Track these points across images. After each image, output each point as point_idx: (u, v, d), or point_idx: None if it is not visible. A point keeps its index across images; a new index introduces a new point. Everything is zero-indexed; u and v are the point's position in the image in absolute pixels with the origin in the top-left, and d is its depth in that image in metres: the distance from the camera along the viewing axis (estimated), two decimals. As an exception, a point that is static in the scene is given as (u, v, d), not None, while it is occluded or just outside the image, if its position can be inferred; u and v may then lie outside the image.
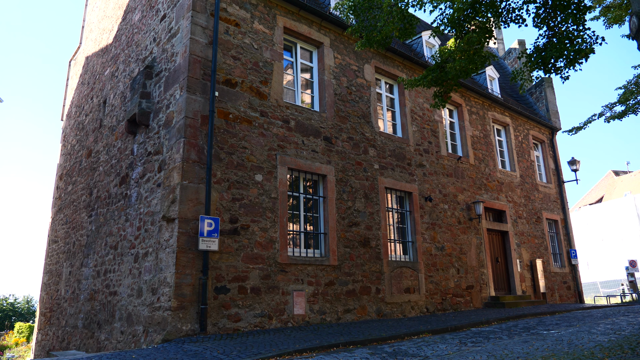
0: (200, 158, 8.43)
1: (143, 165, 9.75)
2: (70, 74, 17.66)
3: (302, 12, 10.84)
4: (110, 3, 14.28)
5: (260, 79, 9.73)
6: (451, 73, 8.17)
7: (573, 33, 7.09)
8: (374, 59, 12.61)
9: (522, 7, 7.59)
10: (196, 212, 8.14)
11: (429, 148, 13.45)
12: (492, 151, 15.94)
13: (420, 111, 13.57)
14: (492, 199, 15.26)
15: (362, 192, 11.14)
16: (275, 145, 9.62)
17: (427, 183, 13.00)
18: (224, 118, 8.93)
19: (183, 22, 9.16)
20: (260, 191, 9.12)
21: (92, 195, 12.44)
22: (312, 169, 10.18)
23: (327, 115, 10.87)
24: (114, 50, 12.97)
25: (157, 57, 10.06)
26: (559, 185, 19.05)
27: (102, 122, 12.80)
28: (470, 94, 15.60)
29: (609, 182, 44.02)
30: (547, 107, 19.77)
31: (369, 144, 11.69)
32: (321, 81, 11.16)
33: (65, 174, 15.53)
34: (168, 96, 9.18)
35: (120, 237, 10.17)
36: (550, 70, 7.29)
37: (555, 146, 19.49)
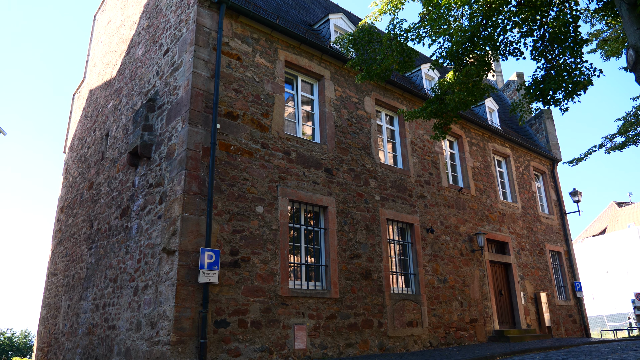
0: (202, 190, 8.42)
1: (144, 197, 9.73)
2: (74, 107, 17.87)
3: (303, 46, 11.05)
4: (114, 38, 14.59)
5: (262, 112, 9.82)
6: (450, 105, 8.25)
7: (571, 65, 7.18)
8: (374, 91, 12.77)
9: (519, 41, 7.72)
10: (197, 244, 8.07)
11: (430, 179, 13.45)
12: (493, 182, 15.93)
13: (420, 142, 13.64)
14: (494, 231, 15.15)
15: (364, 223, 11.07)
16: (276, 176, 9.63)
17: (428, 214, 12.94)
18: (226, 150, 8.97)
19: (186, 56, 9.32)
20: (261, 223, 9.07)
21: (93, 227, 12.38)
22: (313, 200, 10.15)
23: (328, 147, 10.92)
24: (117, 84, 13.16)
25: (159, 91, 10.20)
26: (561, 216, 18.95)
27: (104, 155, 12.86)
28: (470, 125, 15.72)
29: (612, 213, 43.85)
30: (547, 138, 19.88)
31: (370, 176, 11.69)
32: (322, 113, 11.26)
33: (66, 206, 15.51)
34: (170, 129, 9.25)
35: (120, 269, 10.06)
36: (549, 102, 7.35)
37: (556, 177, 19.50)
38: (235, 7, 9.71)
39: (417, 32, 8.00)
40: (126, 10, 14.06)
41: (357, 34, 8.80)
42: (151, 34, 11.49)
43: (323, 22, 12.89)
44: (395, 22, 8.33)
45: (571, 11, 7.15)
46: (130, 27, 13.27)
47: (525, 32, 7.57)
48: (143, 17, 12.36)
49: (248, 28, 10.14)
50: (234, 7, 9.70)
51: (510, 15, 7.51)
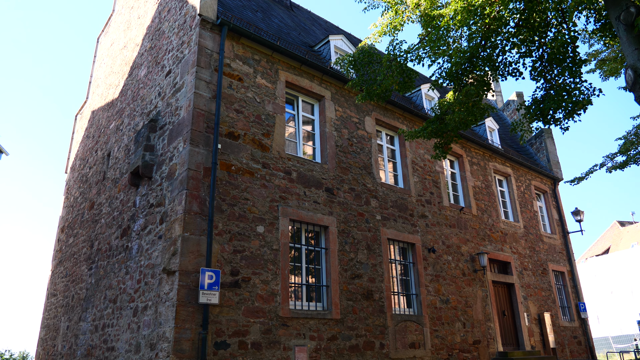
0: (202, 210, 8.41)
1: (145, 217, 9.71)
2: (76, 128, 17.98)
3: (304, 67, 11.15)
4: (117, 60, 14.76)
5: (263, 132, 9.87)
6: (451, 125, 8.29)
7: (570, 85, 7.23)
8: (375, 111, 12.84)
9: (518, 61, 7.80)
10: (197, 265, 8.02)
11: (430, 199, 13.42)
12: (494, 202, 15.89)
13: (421, 162, 13.66)
14: (497, 250, 15.06)
15: (365, 243, 11.01)
16: (277, 196, 9.62)
17: (430, 234, 12.88)
18: (226, 170, 8.99)
19: (188, 78, 9.41)
20: (261, 243, 9.02)
21: (93, 247, 12.33)
22: (313, 220, 10.12)
23: (328, 167, 10.93)
24: (120, 105, 13.26)
25: (161, 111, 10.27)
26: (564, 236, 18.84)
27: (106, 175, 12.89)
28: (470, 145, 15.76)
29: (615, 232, 43.62)
30: (548, 157, 19.90)
31: (371, 195, 11.68)
32: (322, 133, 11.31)
33: (67, 226, 15.47)
34: (171, 149, 9.28)
35: (120, 290, 9.98)
36: (549, 121, 7.38)
37: (558, 196, 19.45)
38: (237, 29, 9.85)
39: (417, 53, 8.09)
40: (129, 32, 14.26)
41: (357, 55, 8.90)
42: (153, 56, 11.62)
43: (323, 44, 13.04)
44: (394, 44, 8.44)
45: (569, 32, 7.23)
46: (133, 49, 13.44)
47: (524, 52, 7.65)
48: (146, 39, 12.53)
49: (249, 49, 10.26)
50: (236, 29, 9.83)
51: (508, 36, 7.60)
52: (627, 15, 5.49)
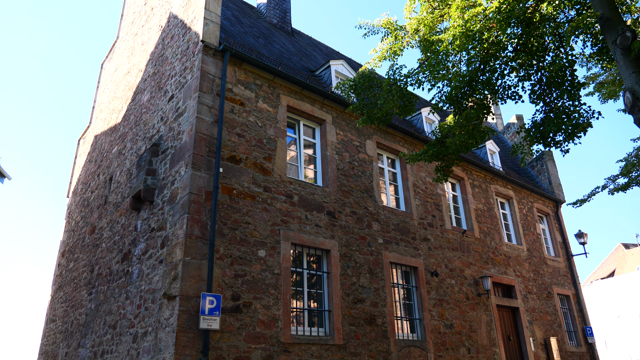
0: (204, 234, 8.38)
1: (146, 241, 9.68)
2: (79, 152, 18.09)
3: (305, 91, 11.27)
4: (120, 85, 14.94)
5: (264, 155, 9.91)
6: (451, 148, 8.31)
7: (569, 108, 7.28)
8: (376, 135, 12.91)
9: (517, 85, 7.86)
10: (198, 289, 7.95)
11: (433, 222, 13.37)
12: (497, 224, 15.82)
13: (422, 185, 13.65)
14: (500, 274, 14.91)
15: (367, 267, 10.93)
16: (278, 220, 9.59)
17: (432, 257, 12.78)
18: (228, 194, 8.99)
19: (190, 102, 9.51)
20: (263, 267, 8.96)
21: (94, 272, 12.25)
22: (315, 244, 10.06)
23: (330, 190, 10.93)
24: (122, 129, 13.37)
25: (163, 135, 10.34)
26: (568, 258, 18.68)
27: (108, 199, 12.90)
28: (471, 167, 15.77)
29: (620, 255, 43.23)
30: (550, 179, 19.89)
31: (373, 218, 11.64)
32: (324, 157, 11.35)
33: (67, 250, 15.41)
34: (173, 173, 9.31)
35: (120, 315, 9.87)
36: (550, 144, 7.40)
37: (560, 219, 19.36)
38: (239, 55, 9.99)
39: (417, 77, 8.18)
40: (133, 58, 14.48)
41: (357, 79, 9.00)
42: (156, 81, 11.77)
43: (324, 69, 13.21)
44: (394, 68, 8.54)
45: (567, 56, 7.31)
46: (136, 74, 13.62)
47: (522, 76, 7.73)
48: (149, 65, 12.71)
49: (251, 74, 10.39)
50: (238, 55, 9.98)
51: (507, 60, 7.69)
52: (624, 39, 5.56)
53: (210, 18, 10.03)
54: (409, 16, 8.93)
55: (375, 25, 9.13)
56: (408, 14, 8.96)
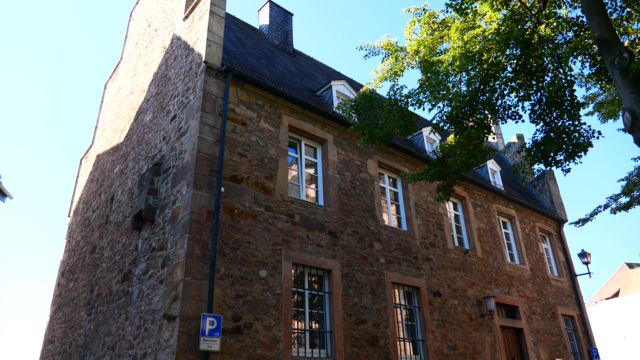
0: (205, 253, 8.34)
1: (146, 261, 9.64)
2: (81, 172, 18.14)
3: (307, 111, 11.35)
4: (123, 105, 15.07)
5: (266, 175, 9.93)
6: (453, 167, 8.33)
7: (569, 128, 7.32)
8: (377, 154, 12.94)
9: (517, 105, 7.92)
10: (198, 310, 7.88)
11: (435, 241, 13.30)
12: (499, 244, 15.73)
13: (424, 204, 13.63)
14: (504, 294, 14.77)
15: (369, 287, 10.84)
16: (280, 240, 9.56)
17: (435, 277, 12.68)
18: (229, 213, 8.98)
19: (192, 122, 9.57)
20: (264, 287, 8.89)
21: (93, 292, 12.17)
22: (317, 263, 10.00)
23: (331, 210, 10.91)
24: (125, 149, 13.43)
25: (165, 155, 10.38)
26: (572, 278, 18.51)
27: (109, 218, 12.89)
28: (473, 187, 15.76)
29: (624, 275, 42.83)
30: (551, 199, 19.84)
31: (374, 238, 11.59)
32: (325, 176, 11.36)
33: (67, 270, 15.34)
34: (175, 192, 9.32)
35: (119, 336, 9.77)
36: (551, 163, 7.42)
37: (563, 238, 19.25)
38: (241, 76, 10.10)
39: (417, 97, 8.24)
40: (136, 79, 14.64)
41: (358, 99, 9.08)
42: (159, 101, 11.87)
43: (326, 89, 13.32)
44: (395, 88, 8.62)
45: (566, 76, 7.38)
46: (139, 94, 13.75)
47: (522, 96, 7.79)
48: (152, 85, 12.84)
49: (253, 95, 10.48)
50: (240, 76, 10.08)
51: (506, 81, 7.76)
52: (621, 60, 5.61)
53: (213, 39, 10.17)
54: (409, 37, 9.05)
55: (376, 46, 9.25)
56: (408, 35, 9.08)
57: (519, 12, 7.64)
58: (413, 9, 8.94)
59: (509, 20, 7.42)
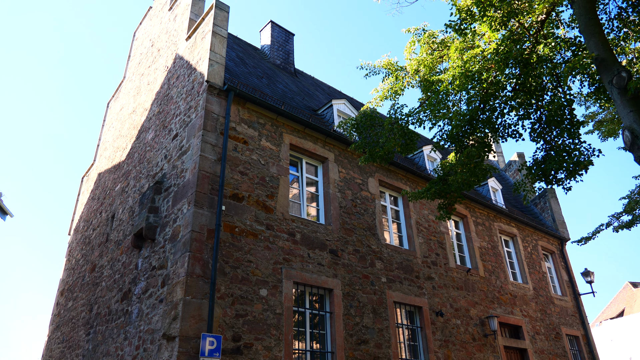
0: (205, 272, 8.29)
1: (146, 280, 9.58)
2: (82, 190, 18.17)
3: (308, 130, 11.40)
4: (125, 124, 15.17)
5: (267, 193, 9.93)
6: (454, 186, 8.33)
7: (570, 146, 7.34)
8: (378, 173, 12.96)
9: (517, 123, 7.96)
10: (198, 330, 7.80)
11: (436, 260, 13.22)
12: (501, 262, 15.62)
13: (425, 223, 13.59)
14: (507, 314, 14.61)
15: (370, 306, 10.74)
16: (280, 258, 9.51)
17: (437, 297, 12.57)
18: (230, 232, 8.96)
19: (194, 141, 9.62)
20: (264, 306, 8.81)
21: (92, 311, 12.07)
22: (318, 282, 9.93)
23: (332, 228, 10.88)
24: (126, 167, 13.47)
25: (167, 173, 10.41)
26: (575, 298, 18.33)
27: (109, 237, 12.85)
28: (474, 205, 15.73)
29: (628, 294, 42.39)
30: (553, 217, 19.77)
31: (376, 257, 11.53)
32: (326, 194, 11.36)
33: (66, 289, 15.24)
34: (176, 210, 9.31)
35: (118, 357, 9.65)
36: (552, 181, 7.42)
37: (566, 257, 19.12)
38: (243, 95, 10.18)
39: (418, 116, 8.30)
40: (139, 97, 14.76)
41: (359, 118, 9.13)
42: (161, 120, 11.95)
43: (327, 108, 13.41)
44: (396, 107, 8.68)
45: (565, 95, 7.43)
46: (141, 113, 13.84)
47: (522, 115, 7.83)
48: (154, 104, 12.94)
49: (254, 113, 10.55)
50: (242, 95, 10.16)
51: (506, 100, 7.81)
52: (619, 79, 5.66)
53: (215, 59, 10.28)
54: (409, 57, 9.15)
55: (376, 66, 9.35)
56: (408, 55, 9.18)
57: (517, 33, 7.74)
58: (413, 29, 9.06)
59: (508, 40, 7.51)
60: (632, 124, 5.49)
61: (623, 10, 7.78)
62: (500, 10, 7.20)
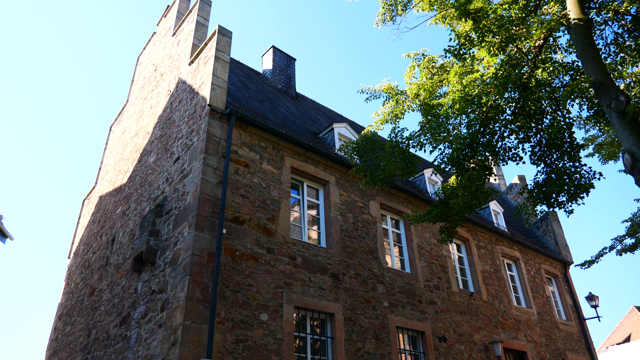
0: (205, 297, 8.22)
1: (146, 304, 9.49)
2: (83, 213, 18.15)
3: (309, 153, 11.45)
4: (128, 147, 15.25)
5: (268, 216, 9.91)
6: (455, 209, 8.31)
7: (570, 169, 7.35)
8: (379, 196, 12.95)
9: (517, 147, 7.99)
10: (197, 355, 7.68)
11: (439, 284, 13.09)
12: (505, 286, 15.46)
13: (427, 246, 13.51)
14: (511, 339, 14.39)
15: (372, 331, 10.59)
16: (281, 282, 9.43)
17: (439, 321, 12.40)
18: (231, 255, 8.91)
19: (195, 164, 9.66)
20: (265, 332, 8.70)
21: (91, 336, 11.91)
22: (319, 307, 9.82)
23: (334, 252, 10.82)
24: (128, 190, 13.49)
25: (168, 196, 10.41)
26: (580, 322, 18.06)
27: (109, 260, 12.79)
28: (476, 228, 15.66)
29: (634, 319, 41.77)
30: (556, 240, 19.65)
31: (377, 280, 11.43)
32: (327, 218, 11.33)
33: (65, 313, 15.08)
34: (176, 234, 9.28)
35: (114, 384, 9.49)
36: (553, 204, 7.40)
37: (570, 280, 18.93)
38: (245, 118, 10.26)
39: (418, 139, 8.34)
40: (141, 121, 14.88)
41: (360, 141, 9.18)
42: (163, 143, 12.02)
43: (328, 131, 13.49)
44: (396, 131, 8.73)
45: (564, 119, 7.48)
46: (144, 136, 13.94)
47: (522, 138, 7.87)
48: (157, 127, 13.04)
49: (256, 137, 10.61)
50: (243, 118, 10.25)
51: (506, 123, 7.86)
52: (618, 103, 5.70)
53: (217, 83, 10.40)
54: (409, 81, 9.25)
55: (376, 90, 9.45)
56: (408, 79, 9.29)
57: (515, 57, 7.84)
58: (413, 54, 9.19)
59: (506, 65, 7.60)
60: (632, 147, 5.51)
61: (619, 35, 7.91)
62: (498, 35, 7.31)
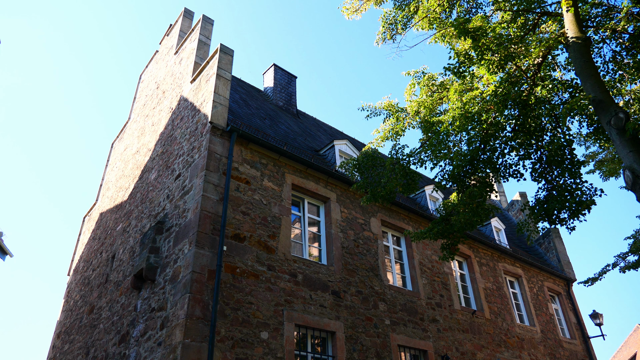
0: (205, 314, 8.15)
1: (145, 322, 9.40)
2: (83, 230, 18.11)
3: (310, 170, 11.47)
4: (129, 164, 15.29)
5: (269, 233, 9.88)
6: (456, 225, 8.29)
7: (571, 186, 7.35)
8: (380, 213, 12.92)
9: (518, 163, 8.00)
10: (196, 375, 7.58)
11: (441, 301, 12.98)
12: (507, 304, 15.32)
13: (429, 263, 13.43)
14: (514, 358, 14.20)
15: (374, 350, 10.46)
16: (282, 300, 9.36)
17: (442, 340, 12.26)
18: (231, 272, 8.86)
19: (196, 181, 9.67)
20: (265, 350, 8.60)
21: (89, 355, 11.77)
22: (320, 325, 9.73)
23: (334, 269, 10.76)
24: (128, 207, 13.48)
25: (169, 213, 10.40)
26: (585, 341, 17.84)
27: (109, 277, 12.71)
28: (478, 245, 15.59)
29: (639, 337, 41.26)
30: (558, 257, 19.53)
31: (379, 298, 11.34)
32: (328, 235, 11.30)
33: (63, 331, 14.94)
34: (177, 251, 9.25)
35: (112, 403, 9.35)
36: (555, 221, 7.38)
37: (573, 298, 18.75)
38: (246, 135, 10.31)
39: (419, 156, 8.36)
40: (143, 138, 14.94)
41: (361, 158, 9.20)
42: (164, 160, 12.05)
43: (328, 148, 13.53)
44: (397, 148, 8.76)
45: (564, 135, 7.51)
46: (145, 153, 13.98)
47: (522, 155, 7.88)
48: (158, 144, 13.09)
49: (257, 154, 10.64)
50: (244, 135, 10.29)
51: (506, 140, 7.88)
52: (617, 120, 5.73)
53: (218, 101, 10.47)
54: (409, 99, 9.31)
55: (377, 107, 9.50)
56: (408, 96, 9.35)
57: (515, 75, 7.90)
58: (413, 72, 9.27)
59: (506, 83, 7.65)
60: (632, 164, 5.52)
61: (617, 53, 7.98)
62: (497, 53, 7.38)
